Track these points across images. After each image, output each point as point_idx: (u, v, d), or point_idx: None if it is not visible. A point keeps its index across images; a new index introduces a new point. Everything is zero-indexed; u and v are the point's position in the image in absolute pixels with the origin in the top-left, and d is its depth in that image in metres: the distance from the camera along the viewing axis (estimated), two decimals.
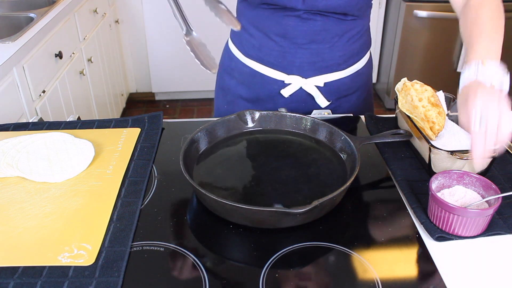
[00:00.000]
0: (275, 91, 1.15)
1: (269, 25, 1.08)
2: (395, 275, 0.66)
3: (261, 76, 1.15)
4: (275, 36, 1.08)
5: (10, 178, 0.85)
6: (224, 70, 1.24)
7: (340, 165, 0.88)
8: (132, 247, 0.71)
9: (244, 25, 1.13)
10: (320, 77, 1.12)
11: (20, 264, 0.67)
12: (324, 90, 1.14)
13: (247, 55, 1.15)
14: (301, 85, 1.13)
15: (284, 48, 1.09)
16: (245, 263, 0.69)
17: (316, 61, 1.10)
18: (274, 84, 1.14)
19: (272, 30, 1.08)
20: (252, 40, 1.12)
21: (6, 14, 2.00)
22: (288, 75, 1.12)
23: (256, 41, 1.12)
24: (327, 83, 1.13)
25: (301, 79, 1.12)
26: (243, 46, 1.16)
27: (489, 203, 0.73)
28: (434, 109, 0.88)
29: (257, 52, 1.13)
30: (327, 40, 1.08)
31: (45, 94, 1.71)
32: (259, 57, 1.13)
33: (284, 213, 0.69)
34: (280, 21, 1.06)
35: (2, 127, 1.04)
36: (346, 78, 1.15)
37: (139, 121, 1.05)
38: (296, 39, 1.07)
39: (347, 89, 1.17)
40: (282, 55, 1.10)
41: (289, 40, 1.07)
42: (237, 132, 0.97)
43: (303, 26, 1.05)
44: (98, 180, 0.85)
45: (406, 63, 2.89)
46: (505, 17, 0.87)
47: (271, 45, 1.10)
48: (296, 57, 1.09)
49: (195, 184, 0.76)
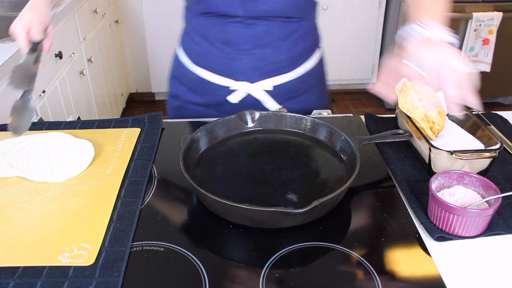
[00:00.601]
0: (223, 97, 1.14)
1: (213, 32, 1.07)
2: (395, 275, 0.66)
3: (209, 83, 1.13)
4: (219, 44, 1.08)
5: (10, 178, 0.85)
6: (174, 77, 1.23)
7: (340, 165, 0.88)
8: (132, 247, 0.71)
9: (190, 33, 1.13)
10: (268, 81, 1.11)
11: (20, 264, 0.67)
12: (273, 93, 1.13)
13: (195, 62, 1.14)
14: (249, 91, 1.12)
15: (229, 54, 1.08)
16: (245, 263, 0.69)
17: (262, 66, 1.09)
18: (222, 90, 1.13)
19: (215, 38, 1.07)
20: (198, 48, 1.12)
21: (6, 14, 2.00)
22: (235, 81, 1.11)
23: (202, 48, 1.11)
24: (275, 86, 1.12)
25: (248, 84, 1.11)
26: (191, 54, 1.15)
27: (489, 203, 0.73)
28: (434, 109, 0.88)
29: (204, 60, 1.12)
30: (271, 44, 1.07)
31: (45, 94, 1.71)
32: (206, 64, 1.12)
33: (284, 213, 0.69)
34: (222, 29, 1.05)
35: (2, 127, 1.04)
36: (295, 80, 1.14)
37: (139, 121, 1.05)
38: (240, 45, 1.06)
39: (297, 90, 1.16)
40: (227, 62, 1.09)
41: (233, 46, 1.07)
42: (237, 132, 0.97)
43: (245, 31, 1.04)
44: (98, 180, 0.85)
45: None
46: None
47: (216, 53, 1.09)
48: (241, 63, 1.08)
49: (195, 184, 0.76)
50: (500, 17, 2.63)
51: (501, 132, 1.00)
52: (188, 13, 1.12)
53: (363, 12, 2.96)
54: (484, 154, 0.81)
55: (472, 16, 2.62)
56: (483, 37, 2.69)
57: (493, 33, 2.67)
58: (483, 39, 2.70)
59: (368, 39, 3.05)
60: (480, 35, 2.69)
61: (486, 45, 2.71)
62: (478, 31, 2.67)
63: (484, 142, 0.86)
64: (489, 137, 0.86)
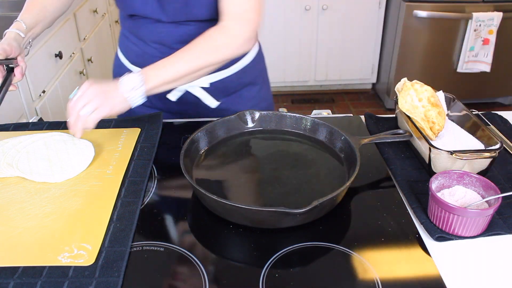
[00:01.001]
0: (163, 95, 1.13)
1: (146, 33, 1.07)
2: (395, 275, 0.66)
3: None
4: (153, 43, 1.08)
5: (10, 178, 0.85)
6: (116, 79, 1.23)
7: (340, 165, 0.88)
8: (132, 247, 0.71)
9: (126, 33, 1.13)
10: (204, 78, 1.10)
11: (20, 264, 0.67)
12: (210, 90, 1.13)
13: (132, 62, 1.14)
14: (186, 88, 1.11)
15: (164, 54, 1.06)
16: (245, 263, 0.69)
17: None
18: None
19: (149, 38, 1.08)
20: (134, 48, 1.12)
21: (6, 14, 1.99)
22: None
23: (138, 48, 1.11)
24: (212, 83, 1.12)
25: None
26: (128, 54, 1.15)
27: (489, 203, 0.73)
28: (434, 109, 0.88)
29: (141, 59, 1.12)
30: None
31: (45, 94, 1.71)
32: (143, 63, 1.09)
33: (284, 213, 0.69)
34: (154, 29, 1.05)
35: (2, 127, 1.04)
36: (232, 76, 1.13)
37: (139, 121, 1.05)
38: (173, 44, 1.06)
39: (235, 86, 1.16)
40: None
41: (167, 46, 1.06)
42: (237, 132, 0.97)
43: (177, 31, 1.04)
44: (98, 180, 0.85)
45: (406, 63, 2.89)
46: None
47: (151, 52, 1.09)
48: None
49: (195, 184, 0.76)
50: (500, 17, 2.63)
51: (501, 132, 1.00)
52: (122, 15, 1.12)
53: (363, 12, 2.96)
54: (484, 154, 0.81)
55: (472, 16, 2.62)
56: (483, 37, 2.69)
57: (493, 33, 2.67)
58: (483, 39, 2.70)
59: (368, 39, 3.05)
60: (480, 35, 2.69)
61: (486, 45, 2.71)
62: (478, 31, 2.67)
63: (484, 142, 0.86)
64: (489, 137, 0.86)
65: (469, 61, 2.78)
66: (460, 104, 0.97)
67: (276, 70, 3.09)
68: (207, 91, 1.13)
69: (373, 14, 2.98)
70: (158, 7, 1.00)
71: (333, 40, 3.04)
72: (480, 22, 2.65)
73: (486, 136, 0.87)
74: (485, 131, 0.87)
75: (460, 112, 0.97)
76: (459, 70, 2.83)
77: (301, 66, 3.12)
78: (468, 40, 2.70)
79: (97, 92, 0.84)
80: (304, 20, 2.95)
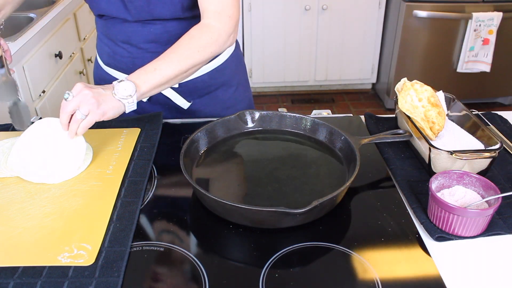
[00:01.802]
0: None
1: (114, 33, 1.08)
2: (395, 275, 0.66)
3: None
4: (122, 43, 1.08)
5: (10, 178, 0.85)
6: (96, 80, 1.23)
7: (340, 165, 0.88)
8: (132, 247, 0.71)
9: (99, 34, 1.14)
10: None
11: (20, 264, 0.67)
12: (180, 90, 1.12)
13: (106, 63, 1.15)
14: None
15: (132, 53, 1.08)
16: (245, 263, 0.69)
17: None
18: None
19: (117, 38, 1.08)
20: (106, 49, 1.12)
21: None
22: None
23: (109, 49, 1.12)
24: (182, 83, 1.11)
25: None
26: (102, 55, 1.15)
27: (489, 203, 0.73)
28: (434, 109, 0.88)
29: (112, 60, 1.12)
30: (171, 41, 1.03)
31: (45, 94, 1.71)
32: (114, 64, 1.13)
33: (284, 213, 0.69)
34: (122, 28, 1.05)
35: (2, 127, 1.04)
36: (202, 76, 1.12)
37: (139, 121, 1.05)
38: (140, 44, 1.06)
39: (207, 87, 1.14)
40: (131, 61, 1.09)
41: (134, 46, 1.07)
42: (237, 132, 0.97)
43: (143, 30, 1.04)
44: (98, 180, 0.85)
45: (406, 63, 2.89)
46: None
47: (121, 52, 1.09)
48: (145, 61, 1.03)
49: (195, 184, 0.76)
50: (500, 17, 2.63)
51: (501, 132, 1.00)
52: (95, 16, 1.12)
53: (363, 12, 2.96)
54: (484, 154, 0.81)
55: (472, 16, 2.62)
56: (483, 37, 2.69)
57: (493, 33, 2.67)
58: (483, 39, 2.70)
59: (368, 39, 3.05)
60: (480, 35, 2.69)
61: (486, 45, 2.71)
62: (478, 31, 2.67)
63: (484, 142, 0.86)
64: (489, 137, 0.86)
65: (469, 61, 2.78)
66: (460, 104, 0.97)
67: (276, 70, 3.09)
68: (177, 92, 1.12)
69: (373, 14, 2.98)
70: (122, 6, 1.00)
71: (333, 40, 3.04)
72: (480, 22, 2.65)
73: (486, 136, 0.87)
74: (485, 131, 0.87)
75: (460, 112, 0.97)
76: (459, 70, 2.83)
77: (301, 66, 3.12)
78: (468, 40, 2.70)
79: (90, 96, 0.82)
80: (304, 20, 2.95)
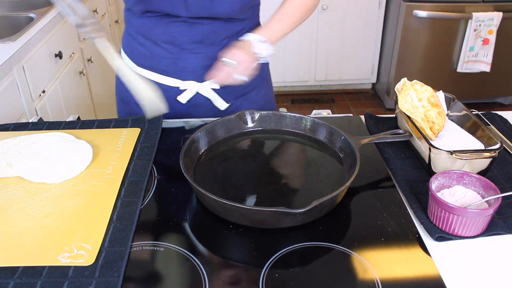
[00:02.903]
0: (172, 98, 1.12)
1: (156, 33, 1.06)
2: (395, 275, 0.66)
3: (156, 84, 1.10)
4: (164, 44, 1.06)
5: (10, 178, 0.85)
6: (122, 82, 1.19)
7: (340, 165, 0.88)
8: (132, 247, 0.71)
9: (132, 34, 1.11)
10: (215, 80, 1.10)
11: (20, 264, 0.67)
12: (221, 92, 1.13)
13: (139, 65, 1.12)
14: (197, 90, 1.11)
15: (174, 54, 1.07)
16: (245, 263, 0.69)
17: (209, 65, 1.07)
18: (170, 91, 1.11)
19: (160, 38, 1.06)
20: (142, 49, 1.10)
21: (6, 14, 1.99)
22: (183, 81, 1.10)
23: (146, 50, 1.09)
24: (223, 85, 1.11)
25: (196, 83, 1.10)
26: (134, 56, 1.13)
27: (489, 203, 0.73)
28: (434, 109, 0.88)
29: (149, 61, 1.10)
30: (217, 42, 1.06)
31: (45, 94, 1.71)
32: (151, 65, 1.10)
33: (284, 213, 0.69)
34: (166, 28, 1.04)
35: (2, 127, 1.04)
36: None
37: (139, 121, 1.05)
38: (185, 44, 1.05)
39: (244, 88, 1.16)
40: (174, 62, 1.08)
41: (178, 46, 1.06)
42: (237, 132, 0.97)
43: (190, 31, 1.03)
44: (98, 180, 0.85)
45: (406, 63, 2.89)
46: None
47: (161, 53, 1.08)
48: (188, 62, 1.07)
49: (195, 184, 0.76)
50: (500, 17, 2.63)
51: (501, 132, 1.00)
52: (129, 14, 1.10)
53: (363, 12, 2.96)
54: (484, 154, 0.81)
55: (472, 16, 2.63)
56: (483, 37, 2.69)
57: (493, 33, 2.67)
58: (483, 39, 2.70)
59: (368, 39, 3.05)
60: (480, 35, 2.69)
61: (486, 45, 2.71)
62: (478, 31, 2.67)
63: (484, 142, 0.86)
64: (489, 137, 0.86)
65: (469, 61, 2.78)
66: (460, 104, 0.97)
67: (276, 70, 3.09)
68: (217, 93, 1.12)
69: (373, 14, 2.98)
70: (181, 2, 0.99)
71: (333, 40, 3.04)
72: (480, 22, 2.65)
73: (486, 136, 0.87)
74: (485, 131, 0.87)
75: (460, 112, 0.97)
76: (459, 70, 2.83)
77: (301, 66, 3.12)
78: (468, 40, 2.70)
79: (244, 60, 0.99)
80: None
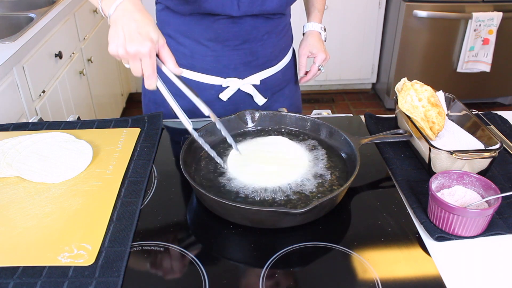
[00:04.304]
0: (213, 96, 1.13)
1: (199, 30, 1.06)
2: (395, 275, 0.66)
3: (196, 84, 1.12)
4: (207, 41, 1.07)
5: (10, 178, 0.85)
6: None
7: (340, 165, 0.88)
8: (132, 247, 0.71)
9: (171, 34, 1.10)
10: (256, 76, 1.13)
11: (20, 264, 0.67)
12: (260, 87, 1.15)
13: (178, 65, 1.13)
14: (239, 86, 1.12)
15: (217, 52, 1.07)
16: (245, 263, 0.69)
17: (251, 60, 1.10)
18: (211, 89, 1.12)
19: (202, 35, 1.06)
20: (182, 49, 1.10)
21: (6, 14, 1.99)
22: (224, 78, 1.11)
23: (186, 49, 1.09)
24: (262, 80, 1.14)
25: (238, 80, 1.11)
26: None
27: (489, 203, 0.73)
28: (434, 109, 0.88)
29: (189, 60, 1.10)
30: (258, 38, 1.08)
31: (45, 94, 1.71)
32: (191, 64, 1.11)
33: (284, 213, 0.69)
34: (210, 26, 1.04)
35: (2, 127, 1.04)
36: (278, 73, 1.17)
37: (139, 121, 1.05)
38: (229, 41, 1.06)
39: (279, 84, 1.19)
40: (216, 60, 1.08)
41: (221, 43, 1.06)
42: (237, 132, 0.97)
43: (234, 27, 1.04)
44: (98, 180, 0.85)
45: (406, 63, 2.89)
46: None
47: (203, 51, 1.08)
48: (231, 59, 1.08)
49: (195, 184, 0.76)
50: (500, 17, 2.63)
51: (501, 132, 1.00)
52: (166, 14, 1.10)
53: (363, 12, 2.96)
54: (484, 154, 0.81)
55: (472, 16, 2.63)
56: (483, 37, 2.69)
57: (493, 33, 2.67)
58: (483, 39, 2.70)
59: (368, 39, 3.05)
60: (480, 35, 2.69)
61: (486, 45, 2.71)
62: (478, 31, 2.67)
63: (484, 142, 0.86)
64: (489, 137, 0.86)
65: (469, 61, 2.78)
66: (460, 104, 0.97)
67: None
68: (257, 89, 1.15)
69: (373, 14, 2.98)
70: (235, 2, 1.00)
71: (333, 40, 3.04)
72: (480, 22, 2.65)
73: (486, 136, 0.87)
74: (485, 131, 0.87)
75: (460, 112, 0.97)
76: (459, 70, 2.83)
77: None
78: (468, 40, 2.70)
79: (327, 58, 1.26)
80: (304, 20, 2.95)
